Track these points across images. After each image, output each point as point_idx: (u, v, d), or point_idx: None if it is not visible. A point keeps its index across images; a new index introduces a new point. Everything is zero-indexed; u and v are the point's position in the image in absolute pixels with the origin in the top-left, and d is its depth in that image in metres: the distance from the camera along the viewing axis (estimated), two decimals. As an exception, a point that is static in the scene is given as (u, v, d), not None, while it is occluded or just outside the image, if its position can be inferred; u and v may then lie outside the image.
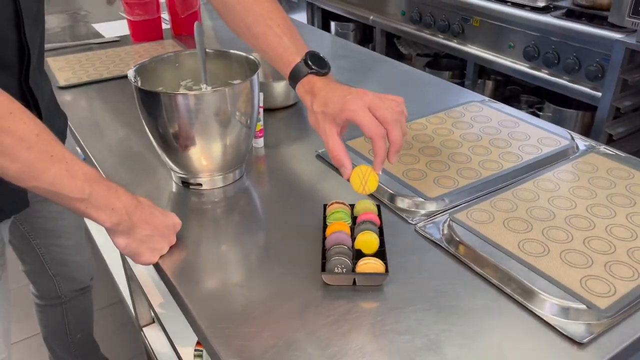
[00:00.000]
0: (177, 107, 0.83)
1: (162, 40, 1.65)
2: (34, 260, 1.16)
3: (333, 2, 2.75)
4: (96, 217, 0.71)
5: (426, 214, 0.84)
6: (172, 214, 0.80)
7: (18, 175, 0.65)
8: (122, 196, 0.73)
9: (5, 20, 0.72)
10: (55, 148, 0.66)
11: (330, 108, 0.74)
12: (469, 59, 2.12)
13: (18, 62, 0.77)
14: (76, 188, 0.68)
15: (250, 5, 0.83)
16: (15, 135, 0.62)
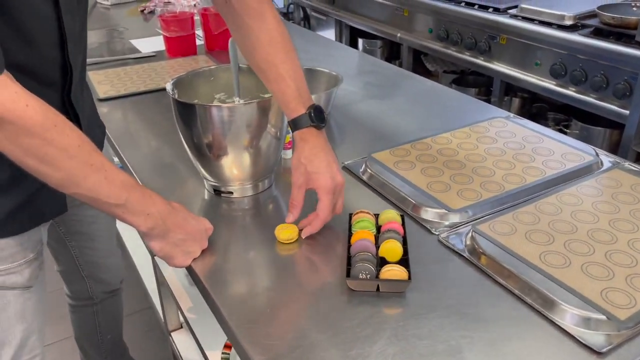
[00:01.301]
0: (212, 118, 0.87)
1: (195, 55, 1.71)
2: (68, 261, 1.21)
3: (361, 19, 2.80)
4: (132, 222, 0.76)
5: (449, 225, 0.86)
6: (204, 219, 0.84)
7: (60, 183, 0.71)
8: (156, 202, 0.77)
9: (51, 43, 0.77)
10: (95, 157, 0.71)
11: (311, 167, 0.84)
12: (495, 76, 2.13)
13: (61, 79, 0.82)
14: (113, 194, 0.73)
15: (266, 51, 0.87)
16: (59, 146, 0.67)
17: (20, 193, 0.83)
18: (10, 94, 0.64)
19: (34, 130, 0.65)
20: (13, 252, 0.86)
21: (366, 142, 1.15)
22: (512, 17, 2.00)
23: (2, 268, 0.86)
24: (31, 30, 0.73)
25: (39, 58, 0.77)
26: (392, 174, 0.98)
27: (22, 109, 0.64)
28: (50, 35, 0.77)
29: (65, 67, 0.81)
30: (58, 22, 0.76)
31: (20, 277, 0.89)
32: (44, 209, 0.90)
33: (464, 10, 2.17)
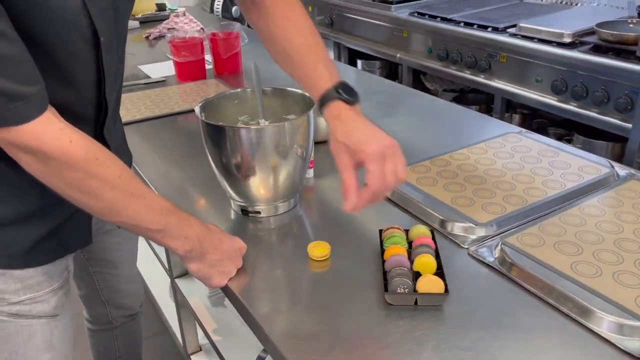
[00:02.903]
0: (241, 139, 0.89)
1: (205, 79, 1.74)
2: (89, 287, 1.21)
3: (359, 41, 2.85)
4: (171, 245, 0.77)
5: (477, 238, 0.88)
6: (237, 238, 0.85)
7: (103, 212, 0.73)
8: (193, 225, 0.79)
9: (89, 83, 0.78)
10: (135, 186, 0.74)
11: (351, 141, 0.75)
12: (496, 93, 2.17)
13: (95, 116, 0.84)
14: (153, 220, 0.75)
15: (293, 37, 0.87)
16: (101, 178, 0.70)
17: (46, 224, 0.84)
18: (54, 131, 0.66)
19: (77, 166, 0.68)
20: (39, 280, 0.87)
21: (384, 160, 1.17)
22: (512, 36, 2.05)
23: (29, 297, 0.86)
24: (71, 70, 0.74)
25: (76, 97, 0.78)
26: (415, 190, 1.00)
27: (66, 145, 0.67)
28: (89, 76, 0.78)
29: (100, 105, 0.83)
30: (97, 64, 0.77)
31: (47, 305, 0.89)
32: (69, 240, 0.90)
33: (463, 30, 2.22)
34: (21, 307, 0.85)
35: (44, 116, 0.66)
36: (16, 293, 0.84)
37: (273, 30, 0.89)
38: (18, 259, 0.83)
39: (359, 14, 2.79)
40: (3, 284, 0.82)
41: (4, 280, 0.82)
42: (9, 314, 0.84)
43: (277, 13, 0.88)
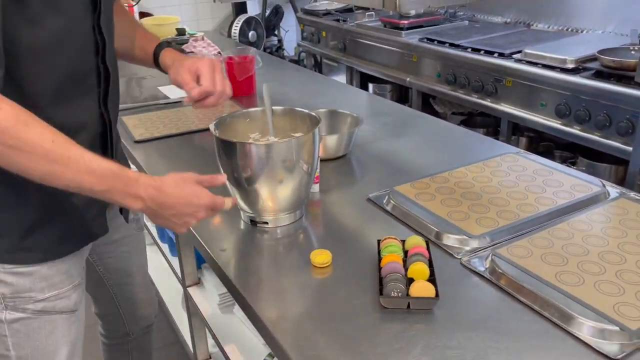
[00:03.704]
0: (251, 154, 0.96)
1: (221, 100, 1.82)
2: (107, 301, 1.28)
3: (371, 65, 2.94)
4: (123, 203, 0.83)
5: (470, 250, 0.94)
6: (197, 197, 0.87)
7: (43, 178, 0.77)
8: (142, 185, 0.82)
9: (89, 49, 0.89)
10: (72, 150, 0.77)
11: (188, 63, 1.07)
12: (502, 117, 2.23)
13: (97, 85, 0.93)
14: (96, 182, 0.78)
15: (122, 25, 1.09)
16: (33, 143, 0.73)
17: (68, 216, 0.93)
18: None
19: (8, 132, 0.72)
20: (62, 278, 0.95)
21: (387, 176, 1.24)
22: (517, 62, 2.12)
23: (53, 294, 0.94)
24: (73, 36, 0.86)
25: (78, 63, 0.89)
26: (414, 205, 1.06)
27: None
28: (90, 41, 0.89)
29: (100, 74, 0.93)
30: (94, 31, 0.89)
31: (69, 301, 0.97)
32: (90, 229, 0.99)
33: (471, 55, 2.30)
34: (46, 304, 0.92)
35: None
36: (42, 291, 0.92)
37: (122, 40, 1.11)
38: (53, 249, 0.92)
39: (371, 39, 2.88)
40: (30, 283, 0.90)
41: (31, 280, 0.90)
42: (34, 311, 0.92)
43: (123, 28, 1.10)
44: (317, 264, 0.92)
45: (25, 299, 0.91)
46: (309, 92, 1.94)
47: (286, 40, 4.28)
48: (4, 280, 0.90)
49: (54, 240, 0.92)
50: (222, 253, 0.99)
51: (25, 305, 0.91)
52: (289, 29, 4.26)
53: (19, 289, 0.90)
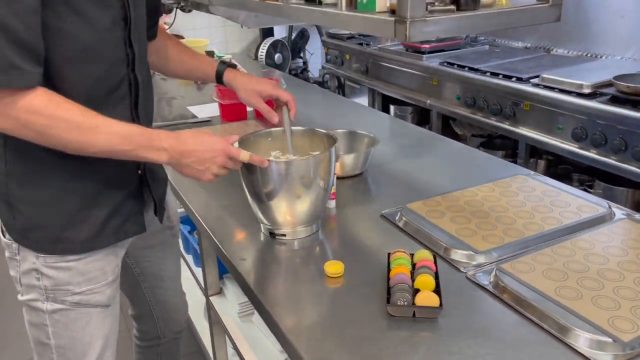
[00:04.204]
0: (271, 171, 1.04)
1: (246, 120, 1.92)
2: (142, 303, 1.36)
3: (392, 88, 3.01)
4: (152, 159, 0.95)
5: (476, 265, 0.99)
6: (212, 142, 0.98)
7: (81, 147, 0.90)
8: (164, 138, 0.95)
9: (121, 60, 0.99)
10: (99, 119, 0.89)
11: (258, 88, 1.22)
12: (520, 140, 2.27)
13: (129, 93, 1.03)
14: (124, 142, 0.91)
15: (183, 59, 1.30)
16: (65, 119, 0.86)
17: (106, 209, 1.02)
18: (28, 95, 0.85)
19: (42, 112, 0.85)
20: (97, 274, 1.05)
21: (400, 195, 1.30)
22: (534, 86, 2.17)
23: (89, 288, 1.04)
24: (104, 51, 0.97)
25: (108, 73, 0.99)
26: (425, 222, 1.11)
27: (31, 98, 0.84)
28: (120, 53, 1.00)
29: (130, 83, 1.04)
30: (125, 44, 1.00)
31: (102, 296, 1.06)
32: (127, 225, 1.08)
33: (489, 79, 2.35)
34: (82, 297, 1.02)
35: (30, 90, 0.84)
36: (78, 285, 1.02)
37: (169, 53, 1.28)
38: (89, 242, 1.01)
39: (393, 62, 2.96)
40: (69, 277, 1.00)
41: (70, 275, 1.00)
42: (71, 303, 1.02)
43: (169, 53, 1.28)
44: (330, 274, 0.98)
45: (64, 292, 1.01)
46: (330, 114, 2.02)
47: (311, 62, 4.39)
48: (47, 273, 1.00)
49: (91, 234, 1.01)
50: (242, 262, 1.06)
51: (63, 297, 1.01)
52: (314, 51, 4.38)
53: (58, 282, 1.00)
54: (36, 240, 0.99)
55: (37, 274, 1.00)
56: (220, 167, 1.00)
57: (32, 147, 0.92)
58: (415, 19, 0.87)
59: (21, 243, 1.00)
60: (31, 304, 1.03)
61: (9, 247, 1.02)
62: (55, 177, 0.97)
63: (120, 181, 1.06)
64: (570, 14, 2.52)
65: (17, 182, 0.97)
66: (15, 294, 1.06)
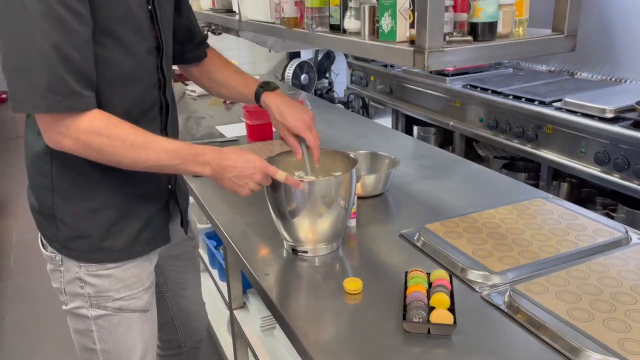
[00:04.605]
0: (295, 190, 1.09)
1: (271, 140, 1.99)
2: (164, 311, 1.42)
3: (416, 109, 3.06)
4: (197, 172, 1.03)
5: (491, 285, 1.02)
6: (253, 160, 1.05)
7: (135, 163, 0.98)
8: (208, 153, 1.03)
9: (153, 85, 1.08)
10: (150, 137, 0.98)
11: (287, 123, 1.20)
12: (543, 163, 2.29)
13: (159, 114, 1.12)
14: (173, 157, 1.00)
15: (228, 75, 1.33)
16: (121, 138, 0.95)
17: (139, 221, 1.10)
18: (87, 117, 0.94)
19: (101, 132, 0.94)
20: (135, 280, 1.12)
21: (420, 215, 1.33)
22: (557, 110, 2.19)
23: (128, 294, 1.11)
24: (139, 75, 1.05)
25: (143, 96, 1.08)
26: (442, 242, 1.15)
27: (90, 119, 0.93)
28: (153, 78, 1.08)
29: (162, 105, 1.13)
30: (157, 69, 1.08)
31: (141, 301, 1.13)
32: (156, 237, 1.16)
33: (512, 102, 2.38)
34: (122, 303, 1.10)
35: (88, 112, 0.93)
36: (118, 291, 1.09)
37: (215, 77, 1.34)
38: (125, 251, 1.09)
39: (417, 84, 3.01)
40: (109, 284, 1.08)
41: (110, 281, 1.08)
42: (113, 309, 1.09)
43: (215, 68, 1.34)
44: (349, 290, 1.02)
45: (105, 298, 1.09)
46: (353, 134, 2.07)
47: (336, 82, 4.47)
48: (89, 282, 1.07)
49: (127, 244, 1.09)
50: (266, 277, 1.11)
51: (105, 303, 1.09)
52: (340, 72, 4.46)
53: (100, 289, 1.08)
54: (78, 250, 1.07)
55: (80, 282, 1.08)
56: (256, 184, 1.06)
57: (76, 164, 1.01)
58: (433, 50, 0.92)
59: (64, 253, 1.07)
60: (76, 312, 1.10)
61: (52, 259, 1.09)
62: (97, 191, 1.05)
63: (153, 195, 1.13)
64: (595, 38, 2.54)
65: (62, 197, 1.05)
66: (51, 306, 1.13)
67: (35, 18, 0.85)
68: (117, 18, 0.96)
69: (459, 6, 1.02)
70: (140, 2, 1.01)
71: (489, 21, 0.99)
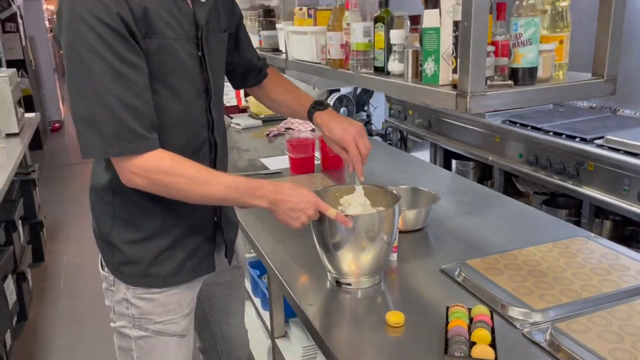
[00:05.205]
0: (339, 224, 1.14)
1: (314, 173, 2.05)
2: (208, 337, 1.48)
3: (455, 143, 3.08)
4: (255, 204, 1.09)
5: (532, 322, 1.03)
6: (308, 194, 1.12)
7: (199, 197, 1.06)
8: (264, 187, 1.09)
9: (203, 125, 1.16)
10: (212, 174, 1.06)
11: (334, 136, 1.26)
12: (584, 200, 2.27)
13: (209, 152, 1.19)
14: (233, 192, 1.07)
15: (284, 94, 1.42)
16: (187, 175, 1.03)
17: (186, 249, 1.18)
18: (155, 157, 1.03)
19: (169, 171, 1.02)
20: (175, 306, 1.19)
21: (459, 250, 1.36)
22: (599, 147, 2.18)
23: (168, 318, 1.18)
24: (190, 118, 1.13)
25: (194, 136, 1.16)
26: (483, 278, 1.17)
27: (159, 160, 1.02)
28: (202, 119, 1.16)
29: (211, 144, 1.20)
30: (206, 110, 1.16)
31: (179, 327, 1.20)
32: (201, 265, 1.22)
33: (553, 139, 2.38)
34: (162, 326, 1.16)
35: (153, 152, 1.02)
36: (159, 315, 1.16)
37: (274, 96, 1.43)
38: (169, 278, 1.16)
39: (455, 119, 3.05)
40: (152, 307, 1.16)
41: (152, 305, 1.16)
42: (153, 331, 1.17)
43: (274, 87, 1.43)
44: (391, 323, 1.05)
45: (147, 320, 1.16)
46: (392, 168, 2.12)
47: (374, 115, 4.54)
48: (135, 304, 1.15)
49: (173, 271, 1.17)
50: (309, 307, 1.15)
51: (147, 325, 1.16)
52: (378, 105, 4.53)
53: (143, 312, 1.16)
54: (128, 274, 1.15)
55: (127, 303, 1.16)
56: (308, 218, 1.11)
57: (134, 197, 1.09)
58: (475, 94, 0.97)
59: (116, 276, 1.16)
60: (121, 330, 1.18)
61: (107, 279, 1.18)
62: (150, 221, 1.13)
63: (200, 227, 1.20)
64: (638, 75, 2.53)
65: (121, 225, 1.13)
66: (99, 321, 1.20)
67: (99, 75, 0.96)
68: (169, 67, 1.05)
69: (500, 51, 1.07)
70: (190, 50, 1.09)
71: (529, 66, 1.03)
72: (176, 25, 1.04)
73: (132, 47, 0.97)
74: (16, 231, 2.73)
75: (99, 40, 0.94)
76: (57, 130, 7.34)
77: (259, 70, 1.41)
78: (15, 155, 2.64)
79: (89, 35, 0.94)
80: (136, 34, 0.98)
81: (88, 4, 0.94)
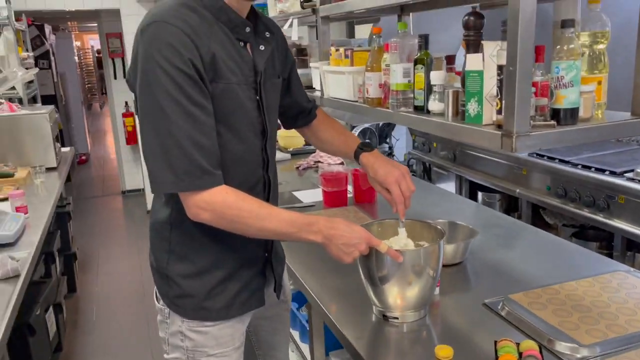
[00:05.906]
0: (386, 258, 1.18)
1: (346, 206, 2.10)
2: (254, 370, 1.51)
3: (480, 175, 3.11)
4: (311, 239, 1.12)
5: (580, 357, 1.05)
6: (360, 229, 1.15)
7: (258, 232, 1.11)
8: (319, 221, 1.13)
9: (258, 164, 1.21)
10: (271, 209, 1.12)
11: (378, 178, 1.31)
12: (615, 232, 2.27)
13: (263, 190, 1.24)
14: (290, 227, 1.11)
15: (334, 136, 1.47)
16: (248, 209, 1.09)
17: (238, 284, 1.22)
18: (220, 192, 1.08)
19: (233, 205, 1.07)
20: (227, 340, 1.23)
21: (499, 284, 1.38)
22: (629, 180, 2.20)
23: (220, 351, 1.22)
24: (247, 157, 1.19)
25: (251, 175, 1.21)
26: (527, 312, 1.19)
27: (223, 195, 1.08)
28: (258, 158, 1.22)
29: (264, 182, 1.25)
30: (262, 150, 1.21)
31: (230, 359, 1.23)
32: (252, 299, 1.26)
33: (581, 172, 2.40)
34: (214, 359, 1.20)
35: (219, 187, 1.07)
36: (212, 348, 1.20)
37: (321, 136, 1.49)
38: (222, 311, 1.20)
39: (480, 151, 3.08)
40: (205, 340, 1.20)
41: (206, 338, 1.20)
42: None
43: (322, 127, 1.49)
44: (440, 357, 1.07)
45: (200, 352, 1.20)
46: (422, 202, 2.15)
47: (396, 147, 4.60)
48: (189, 336, 1.19)
49: (225, 305, 1.21)
50: (356, 340, 1.18)
51: (200, 357, 1.20)
52: (400, 137, 4.59)
53: (197, 344, 1.19)
54: (184, 307, 1.19)
55: (181, 335, 1.20)
56: (360, 252, 1.15)
57: (191, 231, 1.15)
58: (521, 134, 1.01)
59: (172, 309, 1.20)
60: None
61: (162, 311, 1.22)
62: (206, 255, 1.18)
63: (252, 261, 1.25)
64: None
65: (177, 259, 1.18)
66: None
67: (172, 116, 1.02)
68: (231, 110, 1.12)
69: (539, 92, 1.12)
70: (250, 95, 1.16)
71: (571, 107, 1.08)
72: (238, 71, 1.11)
73: (202, 91, 1.04)
74: (54, 263, 2.80)
75: (172, 83, 1.01)
76: (84, 162, 7.51)
77: (308, 112, 1.47)
78: (55, 188, 2.73)
79: (164, 79, 1.01)
80: (205, 78, 1.05)
81: (164, 50, 1.01)
